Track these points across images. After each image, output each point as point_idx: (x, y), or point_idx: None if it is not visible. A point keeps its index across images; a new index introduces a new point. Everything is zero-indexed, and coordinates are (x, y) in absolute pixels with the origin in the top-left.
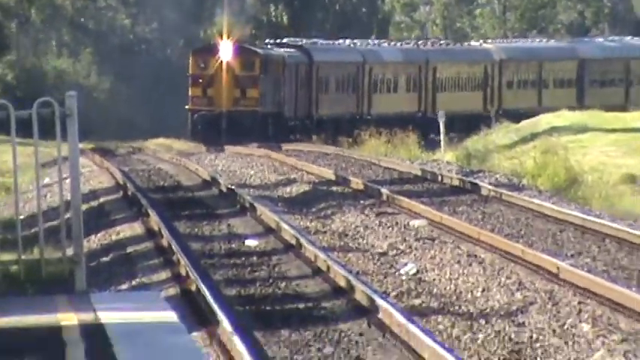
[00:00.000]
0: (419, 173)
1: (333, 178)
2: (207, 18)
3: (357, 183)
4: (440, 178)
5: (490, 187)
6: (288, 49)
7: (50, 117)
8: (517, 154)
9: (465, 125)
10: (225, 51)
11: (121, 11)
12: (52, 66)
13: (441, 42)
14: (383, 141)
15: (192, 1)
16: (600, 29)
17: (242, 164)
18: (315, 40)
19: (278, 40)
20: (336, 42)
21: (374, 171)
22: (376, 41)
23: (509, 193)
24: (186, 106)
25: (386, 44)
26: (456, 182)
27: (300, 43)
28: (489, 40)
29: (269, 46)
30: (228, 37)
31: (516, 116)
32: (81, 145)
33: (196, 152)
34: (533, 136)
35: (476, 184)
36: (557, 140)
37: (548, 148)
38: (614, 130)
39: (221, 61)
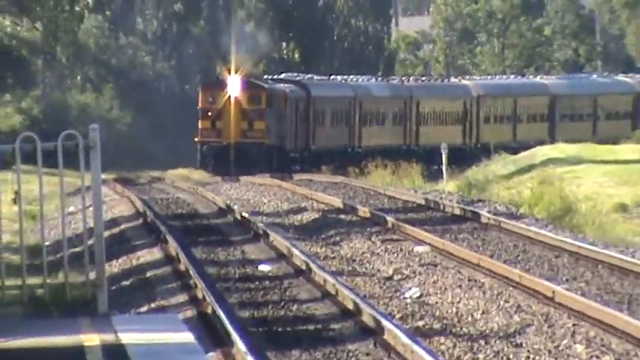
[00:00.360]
0: (422, 202)
1: (341, 206)
2: (222, 55)
3: (364, 211)
4: (442, 206)
5: (489, 215)
6: (287, 84)
7: (74, 149)
8: (515, 185)
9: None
10: (233, 85)
11: (142, 49)
12: (76, 100)
13: (423, 78)
14: (388, 171)
15: (209, 39)
16: (593, 66)
17: (255, 193)
18: (311, 75)
19: (276, 76)
20: (330, 78)
21: (380, 200)
22: (366, 77)
23: (508, 221)
24: (195, 139)
25: (374, 80)
26: (457, 211)
27: (298, 78)
28: (467, 77)
29: (269, 81)
30: (236, 72)
31: (494, 149)
32: (103, 175)
33: (212, 182)
34: (531, 168)
35: (476, 212)
36: (553, 171)
37: (544, 178)
38: (606, 162)
39: (229, 96)
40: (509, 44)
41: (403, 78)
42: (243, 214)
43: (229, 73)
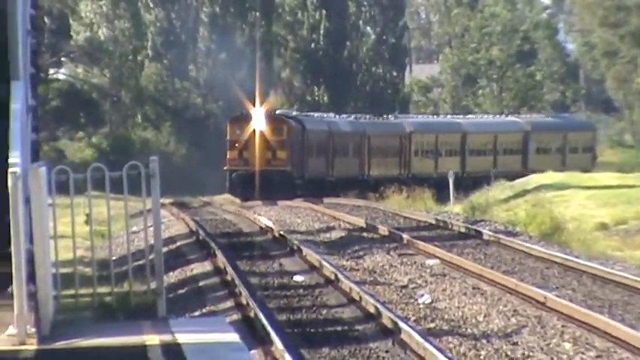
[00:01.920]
0: (433, 222)
1: (364, 225)
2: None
3: (383, 230)
4: (450, 225)
5: (490, 233)
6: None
7: (137, 177)
8: (512, 207)
9: (383, 185)
10: (258, 118)
11: (194, 92)
12: (138, 136)
13: (368, 116)
14: (403, 196)
15: (250, 84)
16: (578, 107)
17: (290, 215)
18: (306, 113)
19: (277, 111)
20: (313, 114)
21: (397, 220)
22: (337, 115)
23: (506, 238)
24: (225, 167)
25: (343, 116)
26: (462, 229)
27: (294, 114)
28: (401, 115)
29: None
30: (260, 106)
31: (420, 180)
32: (161, 200)
33: (255, 205)
34: (525, 192)
35: (479, 230)
36: (544, 195)
37: (536, 202)
38: (589, 188)
39: (254, 128)
40: (506, 88)
41: (359, 116)
42: (281, 232)
43: (253, 105)
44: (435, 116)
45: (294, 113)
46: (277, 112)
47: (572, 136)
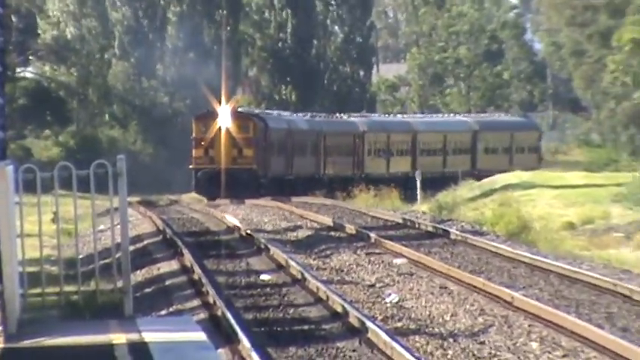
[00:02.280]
0: (400, 221)
1: (331, 224)
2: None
3: (350, 229)
4: (417, 225)
5: (457, 232)
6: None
7: (104, 176)
8: (479, 206)
9: (342, 185)
10: (224, 116)
11: (161, 90)
12: (105, 135)
13: (323, 115)
14: (371, 195)
15: (218, 83)
16: (545, 106)
17: (258, 213)
18: (268, 111)
19: (240, 109)
20: (273, 112)
21: (364, 219)
22: (296, 113)
23: (473, 237)
24: (190, 166)
25: (301, 115)
26: (430, 228)
27: (256, 112)
28: (355, 115)
29: None
30: (226, 104)
31: (373, 180)
32: (129, 199)
33: (222, 204)
34: (492, 192)
35: (446, 230)
36: (511, 195)
37: (503, 201)
38: (556, 187)
39: (220, 126)
40: (473, 87)
41: (314, 114)
42: (248, 231)
43: (220, 104)
44: (387, 115)
45: (257, 111)
46: (240, 109)
47: (518, 135)
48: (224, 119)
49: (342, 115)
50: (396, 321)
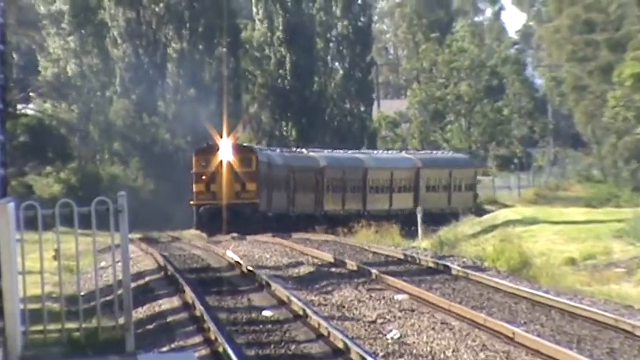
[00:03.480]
0: (401, 257)
1: (332, 260)
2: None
3: (351, 265)
4: (418, 260)
5: (459, 268)
6: None
7: (105, 212)
8: (480, 242)
9: (304, 223)
10: (225, 150)
11: (162, 127)
12: (106, 172)
13: (290, 150)
14: (372, 231)
15: (218, 120)
16: (546, 142)
17: (259, 250)
18: (259, 146)
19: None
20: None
21: (365, 255)
22: (273, 149)
23: (474, 273)
24: (191, 202)
25: (277, 150)
26: (431, 264)
27: (245, 145)
28: (316, 149)
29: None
30: (228, 137)
31: (331, 218)
32: (130, 235)
33: (223, 240)
34: (493, 228)
35: (447, 265)
36: (513, 231)
37: (505, 237)
38: (557, 223)
39: (221, 159)
40: (474, 123)
41: (285, 150)
42: (249, 267)
43: (221, 137)
44: (343, 151)
45: (258, 146)
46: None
47: (456, 172)
48: (225, 153)
49: (302, 150)
50: (398, 357)
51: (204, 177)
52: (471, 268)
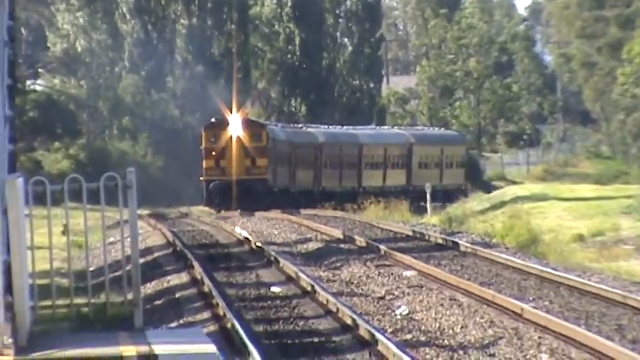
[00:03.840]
0: (410, 233)
1: (341, 237)
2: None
3: (360, 241)
4: (427, 237)
5: (467, 244)
6: None
7: (114, 188)
8: (489, 219)
9: (305, 199)
10: (235, 125)
11: (172, 103)
12: (115, 147)
13: (292, 125)
14: (381, 207)
15: (227, 96)
16: (555, 118)
17: (268, 226)
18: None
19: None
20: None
21: (374, 231)
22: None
23: (483, 249)
24: (201, 178)
25: (279, 125)
26: (439, 241)
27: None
28: (313, 125)
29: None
30: (237, 112)
31: (328, 195)
32: (139, 211)
33: (232, 216)
34: (502, 204)
35: (456, 242)
36: (521, 207)
37: (513, 213)
38: (567, 199)
39: (231, 135)
40: (483, 99)
41: (284, 125)
42: (258, 243)
43: (230, 112)
44: (341, 127)
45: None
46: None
47: (447, 150)
48: (235, 128)
49: (301, 126)
50: (406, 333)
51: (213, 152)
52: (480, 244)
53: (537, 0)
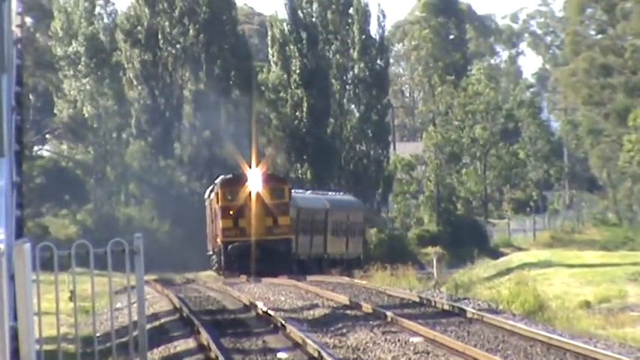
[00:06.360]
0: (417, 299)
1: (347, 303)
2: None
3: (367, 307)
4: (433, 303)
5: (474, 310)
6: None
7: (121, 254)
8: (495, 285)
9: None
10: (255, 180)
11: (178, 170)
12: (122, 213)
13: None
14: (387, 273)
15: (235, 163)
16: (562, 185)
17: (275, 292)
18: None
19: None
20: None
21: (380, 298)
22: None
23: (489, 315)
24: (218, 240)
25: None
26: (446, 307)
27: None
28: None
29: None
30: (257, 166)
31: (300, 263)
32: (145, 277)
33: (239, 282)
34: (508, 271)
35: (462, 308)
36: (528, 274)
37: (520, 280)
38: (572, 266)
39: (250, 191)
40: (489, 166)
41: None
42: (265, 309)
43: (249, 167)
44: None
45: None
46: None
47: (352, 216)
48: (255, 183)
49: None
50: None
51: (231, 211)
52: (486, 310)
53: (544, 67)
